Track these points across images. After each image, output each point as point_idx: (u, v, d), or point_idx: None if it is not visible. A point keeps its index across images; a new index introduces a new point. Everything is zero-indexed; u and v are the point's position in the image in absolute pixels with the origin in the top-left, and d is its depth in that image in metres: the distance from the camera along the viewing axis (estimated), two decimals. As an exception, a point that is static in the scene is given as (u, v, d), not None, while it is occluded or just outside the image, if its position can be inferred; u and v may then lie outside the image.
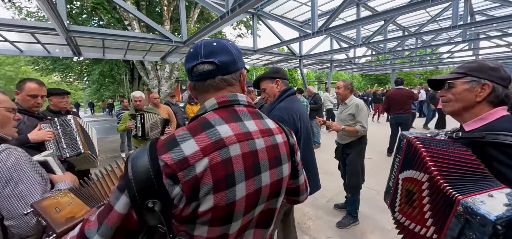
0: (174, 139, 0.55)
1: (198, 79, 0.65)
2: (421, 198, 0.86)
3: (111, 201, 0.53)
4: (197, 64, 0.63)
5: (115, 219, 0.51)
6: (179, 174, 0.51)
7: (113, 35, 4.34)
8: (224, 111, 0.64)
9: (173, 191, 0.51)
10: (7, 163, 0.88)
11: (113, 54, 6.10)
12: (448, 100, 1.05)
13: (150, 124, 3.30)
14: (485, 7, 6.54)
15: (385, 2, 6.29)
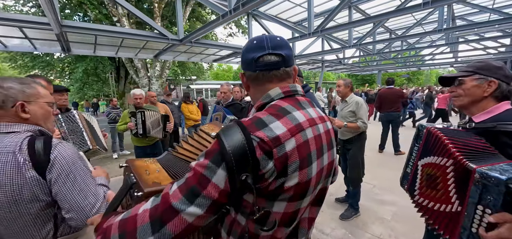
0: (261, 120, 0.60)
1: (264, 69, 0.69)
2: (445, 180, 0.96)
3: (206, 174, 0.55)
4: (264, 54, 0.68)
5: (213, 192, 0.54)
6: (273, 151, 0.56)
7: (107, 31, 4.21)
8: (289, 99, 0.70)
9: (266, 166, 0.56)
10: (66, 156, 0.88)
11: (105, 51, 5.90)
12: (458, 95, 1.19)
13: (151, 122, 3.25)
14: (465, 12, 6.99)
15: (374, 5, 6.57)
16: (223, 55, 7.46)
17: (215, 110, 3.24)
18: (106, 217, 0.65)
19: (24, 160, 0.81)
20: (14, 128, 0.87)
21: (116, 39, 5.04)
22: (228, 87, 3.42)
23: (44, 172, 0.83)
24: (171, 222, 0.53)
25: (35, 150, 0.83)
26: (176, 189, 0.57)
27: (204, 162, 0.57)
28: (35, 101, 0.94)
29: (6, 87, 0.88)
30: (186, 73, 17.31)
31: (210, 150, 0.58)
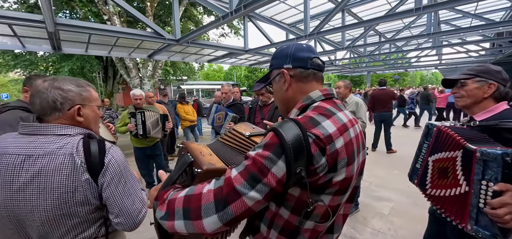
0: (314, 119, 0.66)
1: (315, 69, 0.78)
2: (455, 169, 1.06)
3: (266, 164, 0.59)
4: (314, 57, 0.77)
5: (272, 180, 0.59)
6: (327, 147, 0.62)
7: (102, 30, 4.10)
8: (329, 102, 0.76)
9: (319, 161, 0.61)
10: (118, 161, 0.89)
11: (98, 50, 5.73)
12: (461, 96, 1.31)
13: (151, 122, 3.22)
14: (449, 17, 7.36)
15: (365, 9, 6.80)
16: (218, 55, 7.44)
17: (217, 110, 3.25)
18: (165, 190, 0.72)
19: (81, 162, 0.81)
20: (68, 130, 0.86)
21: (110, 38, 4.91)
22: (229, 87, 3.44)
23: (97, 176, 0.83)
24: (234, 203, 0.58)
25: (91, 153, 0.83)
26: (237, 174, 0.61)
27: (264, 153, 0.61)
28: (89, 105, 0.95)
29: (66, 90, 0.88)
30: (177, 73, 17.07)
31: (270, 143, 0.62)
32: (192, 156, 0.79)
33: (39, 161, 0.78)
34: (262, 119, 2.69)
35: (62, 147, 0.81)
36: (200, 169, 0.73)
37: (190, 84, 26.77)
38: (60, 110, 0.86)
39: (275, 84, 0.87)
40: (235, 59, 8.36)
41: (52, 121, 0.87)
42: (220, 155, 0.88)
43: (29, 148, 0.81)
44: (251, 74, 31.77)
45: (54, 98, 0.85)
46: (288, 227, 0.73)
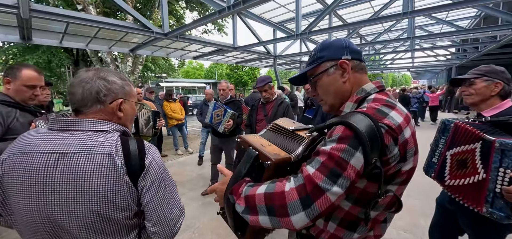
0: (380, 110, 0.65)
1: (365, 63, 0.80)
2: (474, 160, 1.13)
3: (344, 157, 0.60)
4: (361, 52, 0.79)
5: (352, 173, 0.59)
6: (398, 137, 0.63)
7: (83, 19, 3.75)
8: (384, 94, 0.75)
9: (392, 151, 0.62)
10: (159, 163, 0.79)
11: (74, 42, 5.24)
12: (469, 94, 1.42)
13: (144, 120, 3.01)
14: (423, 23, 7.95)
15: (350, 12, 7.09)
16: (205, 52, 7.25)
17: (215, 107, 3.14)
18: (238, 184, 0.74)
19: (121, 163, 0.71)
20: (105, 126, 0.77)
21: (90, 29, 4.53)
22: (226, 84, 3.35)
23: (137, 179, 0.73)
24: (319, 200, 0.59)
25: (130, 153, 0.73)
26: (315, 171, 0.61)
27: (340, 146, 0.61)
28: (129, 100, 0.86)
29: (111, 81, 0.79)
30: (156, 70, 16.33)
31: (343, 135, 0.62)
32: (254, 149, 0.80)
33: (76, 160, 0.68)
34: (265, 116, 2.66)
35: (100, 145, 0.71)
36: (269, 161, 0.73)
37: (170, 81, 25.80)
38: (103, 102, 0.77)
39: (326, 76, 0.81)
40: (222, 56, 8.21)
41: (90, 115, 0.77)
42: (277, 143, 0.87)
43: (63, 145, 0.70)
44: (232, 73, 31.49)
45: (99, 89, 0.76)
46: (348, 219, 0.73)
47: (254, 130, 2.70)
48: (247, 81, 30.42)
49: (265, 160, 0.75)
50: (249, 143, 0.84)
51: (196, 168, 4.62)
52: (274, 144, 0.86)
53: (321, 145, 0.67)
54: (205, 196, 3.39)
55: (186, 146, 5.70)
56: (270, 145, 0.84)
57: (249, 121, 2.83)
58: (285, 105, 2.64)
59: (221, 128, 3.02)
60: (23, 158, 0.70)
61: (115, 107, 0.80)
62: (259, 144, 0.83)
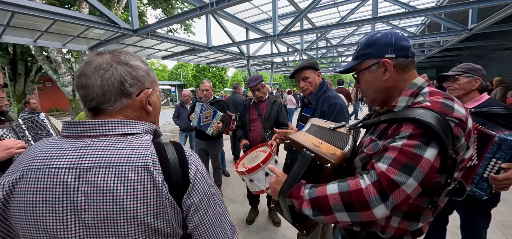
0: (445, 103, 0.69)
1: (413, 57, 0.81)
2: None
3: (417, 152, 0.63)
4: (411, 46, 0.80)
5: (426, 165, 0.62)
6: (466, 127, 0.67)
7: (34, 9, 3.16)
8: (432, 86, 0.79)
9: (461, 141, 0.66)
10: (205, 175, 0.63)
11: (18, 36, 4.38)
12: (454, 88, 1.62)
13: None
14: (381, 28, 8.83)
15: (318, 16, 7.48)
16: (177, 51, 6.84)
17: (202, 109, 2.97)
18: (296, 187, 0.79)
19: (162, 179, 0.54)
20: (134, 126, 0.59)
21: (41, 22, 3.85)
22: (209, 84, 3.19)
23: (181, 196, 0.57)
24: (394, 193, 0.63)
25: (170, 164, 0.57)
26: (388, 167, 0.65)
27: (412, 142, 0.65)
28: (155, 90, 0.68)
29: (135, 66, 0.61)
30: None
31: (415, 133, 0.65)
32: (309, 150, 0.81)
33: (103, 176, 0.52)
34: (259, 115, 2.60)
35: (131, 155, 0.54)
36: (329, 163, 0.76)
37: (130, 83, 23.73)
38: (129, 95, 0.59)
39: (368, 73, 0.84)
40: (194, 56, 7.86)
41: (116, 114, 0.59)
42: (326, 140, 0.87)
43: (84, 158, 0.53)
44: (199, 74, 30.52)
45: (122, 78, 0.58)
46: (412, 211, 0.75)
47: (247, 131, 2.62)
48: (215, 82, 29.82)
49: (324, 162, 0.77)
50: (302, 144, 0.85)
51: (176, 175, 4.31)
52: (324, 141, 0.86)
53: (389, 142, 0.70)
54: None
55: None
56: (322, 143, 0.84)
57: (241, 122, 2.74)
58: (278, 104, 2.62)
59: (210, 130, 2.87)
60: (33, 177, 0.52)
61: (144, 100, 0.62)
62: (311, 144, 0.84)
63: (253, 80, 2.54)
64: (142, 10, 12.79)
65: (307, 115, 2.10)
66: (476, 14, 5.26)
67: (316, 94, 1.80)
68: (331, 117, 1.66)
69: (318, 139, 0.87)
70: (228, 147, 5.24)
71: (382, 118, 0.79)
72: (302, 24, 6.94)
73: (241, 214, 2.88)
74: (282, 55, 8.61)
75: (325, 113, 1.69)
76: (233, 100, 4.57)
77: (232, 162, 4.91)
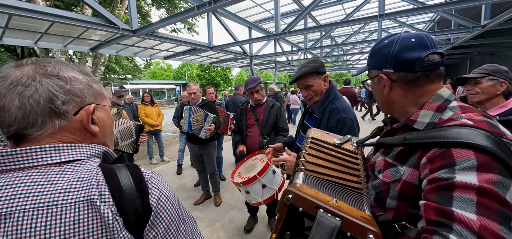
0: (490, 122, 0.55)
1: (430, 69, 0.64)
2: None
3: (500, 190, 0.45)
4: (427, 54, 0.62)
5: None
6: None
7: (31, 11, 3.12)
8: (458, 100, 0.66)
9: None
10: (170, 197, 0.52)
11: (19, 38, 4.39)
12: (476, 92, 1.42)
13: (120, 131, 2.60)
14: (388, 26, 8.56)
15: (322, 13, 7.29)
16: (178, 51, 6.78)
17: (191, 113, 2.87)
18: None
19: (113, 213, 0.43)
20: (74, 151, 0.48)
21: (40, 24, 3.83)
22: (196, 87, 3.07)
23: (142, 230, 0.46)
24: None
25: (124, 192, 0.46)
26: (479, 217, 0.45)
27: (490, 177, 0.46)
28: (102, 105, 0.57)
29: (69, 78, 0.49)
30: (119, 71, 14.98)
31: (484, 162, 0.48)
32: (329, 211, 0.52)
33: (27, 223, 0.40)
34: (256, 120, 2.48)
35: (69, 190, 0.43)
36: (372, 234, 0.49)
37: (135, 83, 23.98)
38: (62, 115, 0.48)
39: (373, 84, 0.77)
40: (195, 56, 7.79)
41: (45, 139, 0.47)
42: (339, 196, 0.60)
43: (2, 200, 0.41)
44: (203, 73, 30.57)
45: (51, 93, 0.46)
46: None
47: (244, 136, 2.50)
48: (219, 82, 29.82)
49: (361, 234, 0.49)
50: (316, 203, 0.54)
51: (176, 178, 4.24)
52: (338, 198, 0.59)
53: (444, 173, 0.50)
54: (190, 210, 3.09)
55: (162, 155, 5.23)
56: (338, 202, 0.57)
57: (238, 127, 2.63)
58: (277, 108, 2.50)
59: (203, 133, 2.78)
60: None
61: (85, 119, 0.51)
62: (326, 201, 0.55)
63: (252, 82, 2.42)
64: (146, 10, 12.81)
65: (308, 125, 1.87)
66: (489, 10, 5.00)
67: (321, 103, 1.49)
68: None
69: (331, 197, 0.58)
70: (228, 149, 5.15)
71: (409, 139, 0.60)
72: (305, 22, 6.78)
73: (239, 221, 2.78)
74: (285, 54, 8.45)
75: (332, 130, 1.41)
76: (233, 101, 4.48)
77: (233, 165, 4.82)
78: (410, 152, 0.62)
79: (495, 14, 4.69)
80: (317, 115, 1.51)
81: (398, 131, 0.72)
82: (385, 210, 0.66)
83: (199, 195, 3.38)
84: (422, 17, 7.95)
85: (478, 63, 9.95)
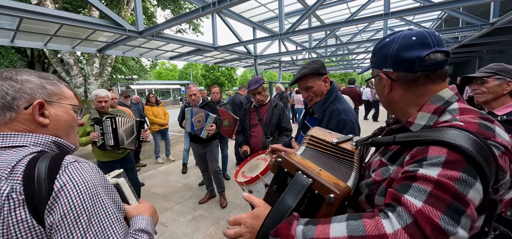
0: (485, 124, 0.54)
1: (428, 69, 0.62)
2: None
3: (460, 188, 0.47)
4: (428, 53, 0.60)
5: (471, 209, 0.46)
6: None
7: (41, 14, 3.21)
8: (463, 101, 0.64)
9: (505, 177, 0.52)
10: (79, 184, 0.54)
11: (30, 40, 4.52)
12: (482, 92, 1.40)
13: (125, 130, 2.66)
14: (394, 24, 8.46)
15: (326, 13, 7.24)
16: (183, 52, 6.85)
17: (193, 114, 2.92)
18: (286, 223, 0.57)
19: (11, 189, 0.50)
20: (19, 139, 0.60)
21: (49, 26, 3.94)
22: (196, 88, 3.10)
23: (43, 212, 0.51)
24: None
25: (35, 173, 0.52)
26: (424, 205, 0.47)
27: (453, 174, 0.47)
28: (59, 103, 0.68)
29: (21, 80, 0.62)
30: (126, 72, 15.21)
31: (452, 159, 0.49)
32: (305, 173, 0.64)
33: None
34: (259, 120, 2.50)
35: None
36: (332, 194, 0.58)
37: (141, 83, 24.28)
38: (12, 108, 0.60)
39: (375, 83, 0.77)
40: (200, 57, 7.85)
41: (1, 128, 0.61)
42: (326, 167, 0.71)
43: None
44: (208, 73, 30.74)
45: (3, 92, 0.60)
46: None
47: (248, 136, 2.52)
48: (224, 82, 29.93)
49: (325, 192, 0.59)
50: (296, 165, 0.66)
51: (181, 177, 4.29)
52: (323, 168, 0.70)
53: (416, 166, 0.53)
54: (195, 209, 3.13)
55: (168, 154, 5.30)
56: (321, 171, 0.67)
57: (241, 127, 2.65)
58: (280, 108, 2.51)
59: (204, 133, 2.83)
60: None
61: (33, 112, 0.62)
62: (308, 167, 0.66)
63: (254, 83, 2.44)
64: (152, 11, 12.96)
65: (309, 126, 1.90)
66: (498, 7, 4.90)
67: (322, 104, 1.49)
68: None
69: (316, 165, 0.71)
70: (232, 148, 5.18)
71: (398, 138, 0.62)
72: (310, 22, 6.76)
73: (243, 220, 2.80)
74: (290, 53, 8.44)
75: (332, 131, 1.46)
76: (233, 100, 4.55)
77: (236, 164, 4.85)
78: (401, 152, 0.63)
79: (504, 12, 4.58)
80: (318, 116, 1.51)
81: (396, 132, 0.71)
82: (373, 206, 0.67)
83: (203, 194, 3.42)
84: (429, 15, 7.83)
85: (487, 61, 9.74)
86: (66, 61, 7.24)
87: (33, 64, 11.78)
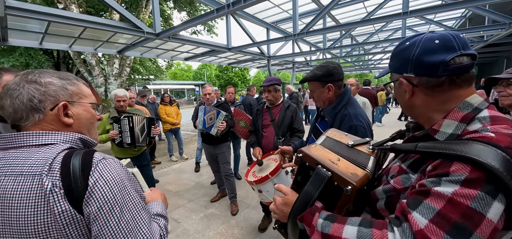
0: None
1: (453, 73, 0.58)
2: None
3: (476, 207, 0.46)
4: (453, 57, 0.57)
5: (486, 230, 0.45)
6: None
7: (66, 18, 3.42)
8: (493, 107, 0.60)
9: None
10: (109, 180, 0.62)
11: (56, 43, 4.83)
12: (508, 94, 1.32)
13: (140, 128, 2.77)
14: (413, 24, 8.12)
15: (342, 12, 7.10)
16: (198, 53, 6.99)
17: (206, 112, 2.97)
18: (310, 213, 0.66)
19: (53, 184, 0.56)
20: (51, 137, 0.64)
21: (73, 29, 4.18)
22: (211, 88, 3.14)
23: (81, 204, 0.58)
24: None
25: (71, 169, 0.58)
26: (429, 224, 0.48)
27: (470, 192, 0.46)
28: (79, 102, 0.73)
29: (45, 83, 0.66)
30: (143, 72, 15.76)
31: (473, 177, 0.47)
32: (325, 167, 0.70)
33: (4, 184, 0.59)
34: (272, 121, 2.50)
35: (33, 165, 0.59)
36: (350, 186, 0.65)
37: (157, 84, 25.07)
38: (40, 110, 0.65)
39: (395, 88, 0.74)
40: (214, 57, 7.98)
41: (31, 128, 0.65)
42: (344, 156, 0.76)
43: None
44: (222, 74, 31.12)
45: (30, 95, 0.64)
46: None
47: (260, 136, 2.53)
48: (237, 82, 30.17)
49: (343, 184, 0.66)
50: (316, 160, 0.74)
51: (194, 175, 4.39)
52: (342, 157, 0.75)
53: (434, 183, 0.51)
54: (207, 207, 3.19)
55: (181, 152, 5.43)
56: (340, 160, 0.74)
57: (254, 127, 2.67)
58: (292, 109, 2.49)
59: (214, 130, 2.87)
60: None
61: (58, 113, 0.67)
62: (328, 159, 0.73)
63: (267, 80, 2.45)
64: (169, 14, 13.32)
65: (320, 129, 1.78)
66: (530, 4, 4.57)
67: (333, 109, 1.44)
68: None
69: (335, 155, 0.76)
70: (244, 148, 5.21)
71: (420, 147, 0.59)
72: (324, 22, 6.66)
73: (254, 220, 2.82)
74: (303, 54, 8.35)
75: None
76: (243, 101, 4.60)
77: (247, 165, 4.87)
78: (423, 161, 0.60)
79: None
80: (328, 120, 1.48)
81: (419, 140, 0.68)
82: None
83: (215, 192, 3.47)
84: (452, 13, 7.43)
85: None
86: (88, 62, 7.64)
87: (58, 64, 12.52)
